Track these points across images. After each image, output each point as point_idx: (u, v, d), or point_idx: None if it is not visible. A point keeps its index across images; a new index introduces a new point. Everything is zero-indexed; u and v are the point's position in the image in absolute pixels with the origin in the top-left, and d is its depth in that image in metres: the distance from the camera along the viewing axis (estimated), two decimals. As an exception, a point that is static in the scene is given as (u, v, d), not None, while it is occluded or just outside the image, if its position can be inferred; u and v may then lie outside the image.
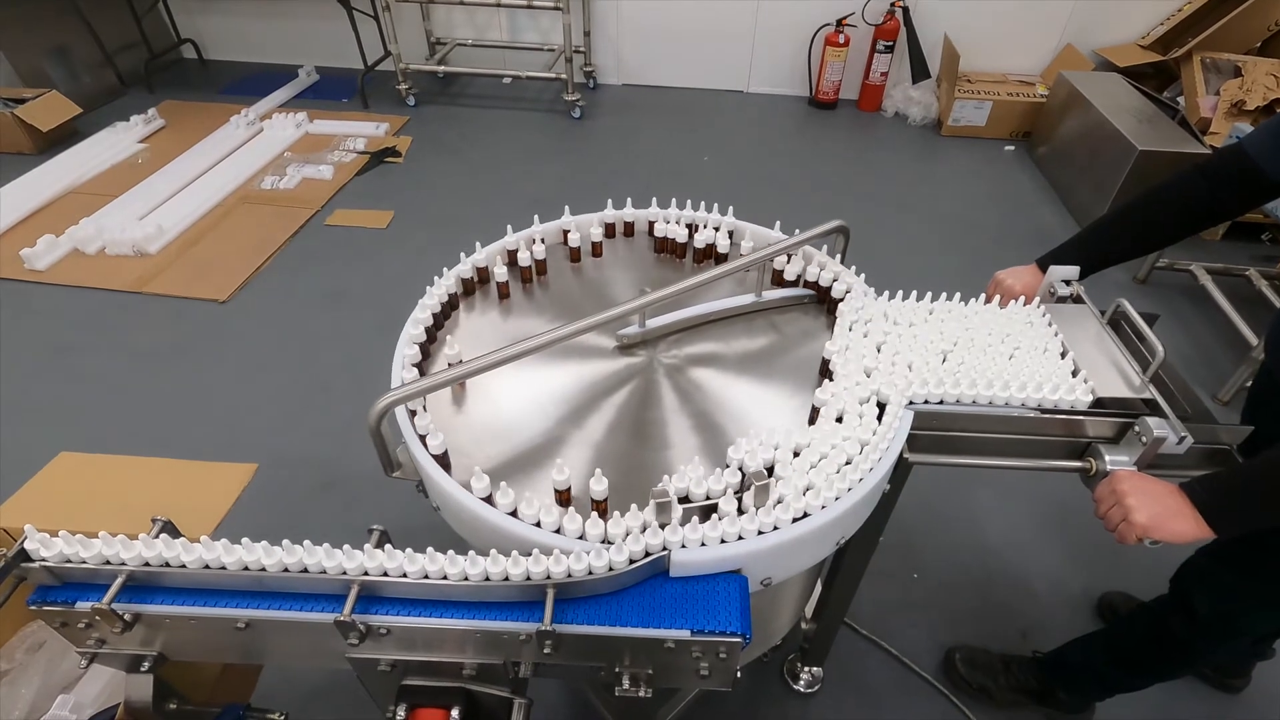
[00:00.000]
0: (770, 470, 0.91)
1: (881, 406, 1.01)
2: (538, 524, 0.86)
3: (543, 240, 1.31)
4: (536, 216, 1.34)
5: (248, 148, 3.95)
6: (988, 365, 1.07)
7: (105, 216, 3.30)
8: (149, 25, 4.63)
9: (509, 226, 1.33)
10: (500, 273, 1.23)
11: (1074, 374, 1.07)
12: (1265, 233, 3.36)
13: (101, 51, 4.41)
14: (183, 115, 4.26)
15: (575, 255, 1.34)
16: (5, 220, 3.29)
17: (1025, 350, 1.11)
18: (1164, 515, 0.93)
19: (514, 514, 0.87)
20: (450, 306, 1.21)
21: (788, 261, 1.26)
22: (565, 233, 1.34)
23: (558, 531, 0.85)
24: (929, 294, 1.22)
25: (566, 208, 1.37)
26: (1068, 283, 1.24)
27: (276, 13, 4.80)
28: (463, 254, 1.24)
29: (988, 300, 1.23)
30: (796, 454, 0.93)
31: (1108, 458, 1.02)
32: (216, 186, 3.58)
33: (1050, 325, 1.16)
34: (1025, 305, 1.21)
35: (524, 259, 1.27)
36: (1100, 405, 1.05)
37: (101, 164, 3.75)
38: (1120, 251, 1.25)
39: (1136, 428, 1.00)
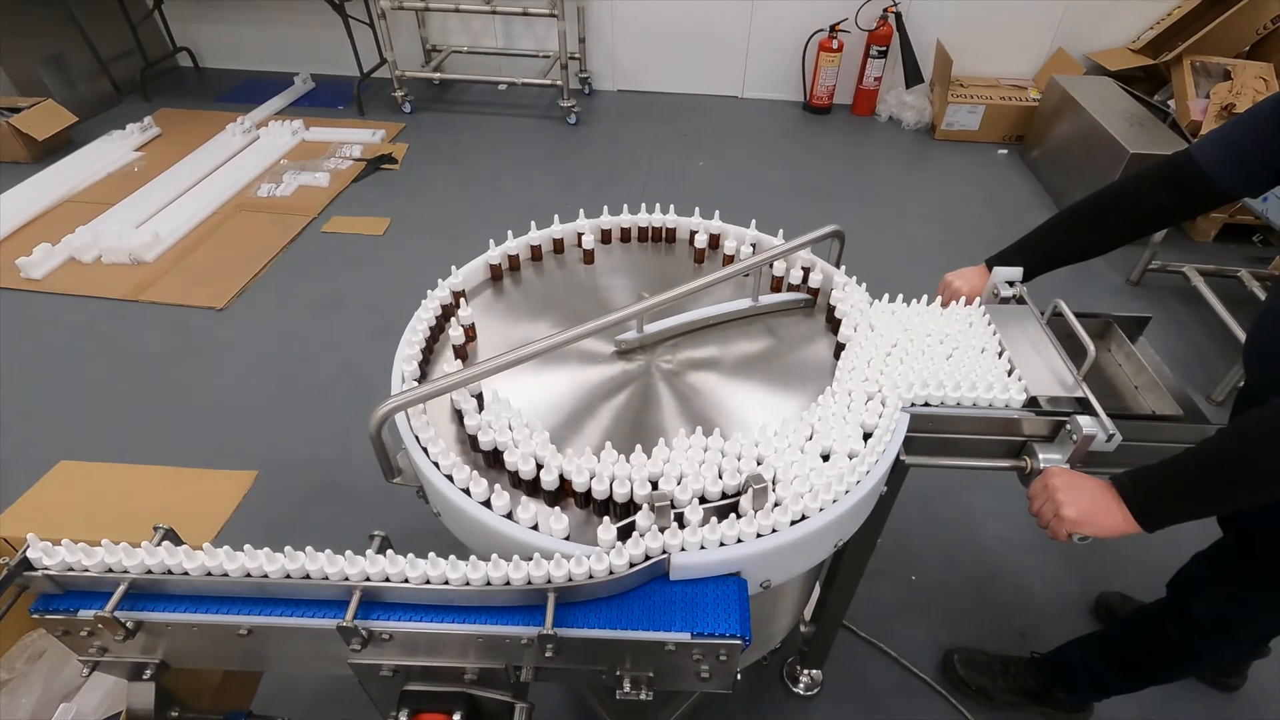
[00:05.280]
0: (772, 481, 0.92)
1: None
2: (536, 527, 0.86)
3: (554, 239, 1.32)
4: (534, 223, 1.35)
5: (244, 155, 3.95)
6: (925, 365, 1.08)
7: (101, 225, 3.30)
8: (144, 34, 4.64)
9: (510, 232, 1.33)
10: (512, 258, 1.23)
11: (1009, 373, 1.08)
12: (1256, 234, 3.39)
13: (97, 60, 4.42)
14: (178, 123, 4.26)
15: (589, 258, 1.35)
16: (1, 229, 3.29)
17: (963, 350, 1.12)
18: (1092, 510, 0.94)
19: (513, 518, 0.87)
20: (449, 313, 1.21)
21: (785, 267, 1.27)
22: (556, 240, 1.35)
23: (566, 537, 0.86)
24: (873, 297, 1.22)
25: (581, 211, 1.39)
26: (1011, 284, 1.25)
27: (272, 20, 4.81)
28: (454, 266, 1.24)
29: (931, 301, 1.24)
30: (794, 458, 0.94)
31: (1041, 456, 1.04)
32: (213, 194, 3.59)
33: (990, 326, 1.17)
34: (967, 306, 1.22)
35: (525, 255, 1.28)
36: (1035, 404, 1.06)
37: (97, 172, 3.75)
38: (1067, 254, 1.26)
39: (1068, 425, 1.02)
